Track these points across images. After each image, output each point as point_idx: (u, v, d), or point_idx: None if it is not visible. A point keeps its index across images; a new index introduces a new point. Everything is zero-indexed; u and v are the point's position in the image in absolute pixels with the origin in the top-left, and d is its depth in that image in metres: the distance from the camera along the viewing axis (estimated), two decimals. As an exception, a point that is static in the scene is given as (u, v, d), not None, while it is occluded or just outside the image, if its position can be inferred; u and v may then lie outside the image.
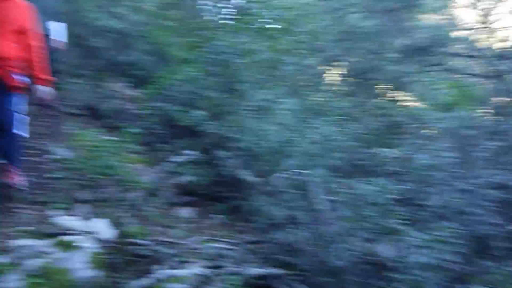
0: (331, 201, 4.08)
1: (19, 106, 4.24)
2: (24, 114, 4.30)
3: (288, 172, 4.51)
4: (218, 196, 5.19)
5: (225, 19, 7.75)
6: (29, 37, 4.18)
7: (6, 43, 4.04)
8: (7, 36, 4.04)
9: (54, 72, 6.49)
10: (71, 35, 10.09)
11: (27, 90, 4.30)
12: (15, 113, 4.17)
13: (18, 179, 4.36)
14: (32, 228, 3.84)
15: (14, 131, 4.19)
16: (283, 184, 4.44)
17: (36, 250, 3.41)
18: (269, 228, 4.30)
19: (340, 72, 8.84)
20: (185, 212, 4.98)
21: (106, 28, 9.12)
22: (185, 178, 5.22)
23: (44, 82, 4.37)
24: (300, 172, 4.41)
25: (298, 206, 4.21)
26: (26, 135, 4.41)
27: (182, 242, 4.33)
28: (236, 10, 7.61)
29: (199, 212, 5.05)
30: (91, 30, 9.70)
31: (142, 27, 9.45)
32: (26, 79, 4.23)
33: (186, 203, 5.10)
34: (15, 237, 3.61)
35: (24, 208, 4.21)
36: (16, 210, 4.13)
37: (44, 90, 4.41)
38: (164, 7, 9.92)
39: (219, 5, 8.11)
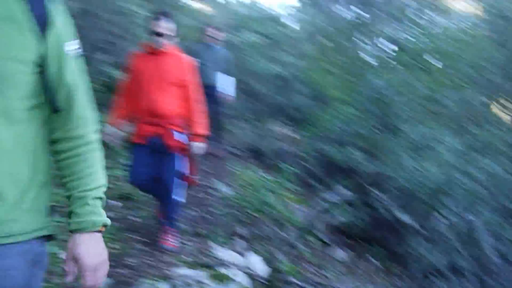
0: (501, 249, 3.56)
1: (179, 168, 3.94)
2: (183, 177, 4.01)
3: (450, 215, 4.07)
4: (373, 238, 4.88)
5: (382, 56, 7.52)
6: (188, 91, 3.90)
7: (164, 99, 3.82)
8: (165, 91, 3.81)
9: (218, 119, 6.95)
10: (238, 81, 10.72)
11: (186, 150, 3.97)
12: (175, 177, 3.91)
13: (171, 242, 4.10)
14: (193, 258, 3.97)
15: (173, 196, 3.93)
16: (444, 228, 4.00)
17: (193, 279, 3.49)
18: (428, 276, 3.88)
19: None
20: (339, 253, 4.76)
21: (268, 73, 9.52)
22: (340, 218, 5.02)
23: (201, 138, 3.99)
24: (463, 215, 3.95)
25: (461, 253, 3.74)
26: (183, 200, 4.17)
27: (336, 285, 4.12)
28: (394, 47, 7.37)
29: (354, 254, 4.79)
30: (254, 76, 10.20)
31: (302, 71, 9.68)
32: (185, 138, 3.93)
33: (340, 243, 4.88)
34: (177, 266, 3.76)
35: (188, 240, 4.41)
36: (183, 241, 4.33)
37: (199, 147, 3.99)
38: (323, 51, 10.06)
39: (376, 42, 7.90)
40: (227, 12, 14.38)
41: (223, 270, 3.73)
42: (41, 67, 1.33)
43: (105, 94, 5.53)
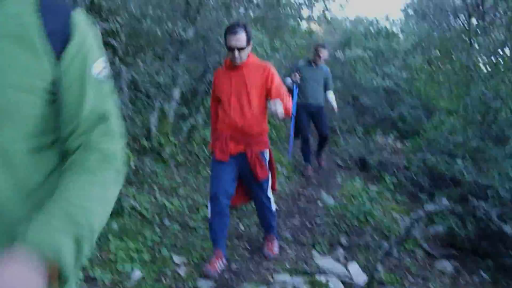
0: None
1: (267, 187, 3.87)
2: (271, 194, 3.97)
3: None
4: (479, 249, 4.58)
5: (492, 64, 7.07)
6: (275, 91, 3.56)
7: (249, 114, 3.54)
8: (250, 105, 3.52)
9: (323, 135, 7.02)
10: (345, 95, 10.69)
11: (271, 169, 3.86)
12: (267, 195, 3.91)
13: (273, 247, 4.17)
14: (293, 265, 4.06)
15: (272, 209, 4.01)
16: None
17: (291, 285, 3.57)
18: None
19: None
20: (443, 264, 4.53)
21: (374, 86, 9.40)
22: (443, 228, 4.80)
23: (284, 109, 3.53)
24: None
25: None
26: (274, 210, 4.12)
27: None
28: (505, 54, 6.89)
29: (459, 266, 4.54)
30: (361, 90, 10.13)
31: (408, 82, 9.41)
32: (268, 154, 3.81)
33: (444, 255, 4.65)
34: (277, 272, 3.87)
35: (291, 247, 4.51)
36: (284, 249, 4.45)
37: (278, 106, 3.48)
38: (430, 61, 9.69)
39: (486, 50, 7.45)
40: (334, 29, 14.42)
41: (321, 278, 3.77)
42: (55, 95, 1.03)
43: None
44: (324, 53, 6.64)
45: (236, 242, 4.39)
